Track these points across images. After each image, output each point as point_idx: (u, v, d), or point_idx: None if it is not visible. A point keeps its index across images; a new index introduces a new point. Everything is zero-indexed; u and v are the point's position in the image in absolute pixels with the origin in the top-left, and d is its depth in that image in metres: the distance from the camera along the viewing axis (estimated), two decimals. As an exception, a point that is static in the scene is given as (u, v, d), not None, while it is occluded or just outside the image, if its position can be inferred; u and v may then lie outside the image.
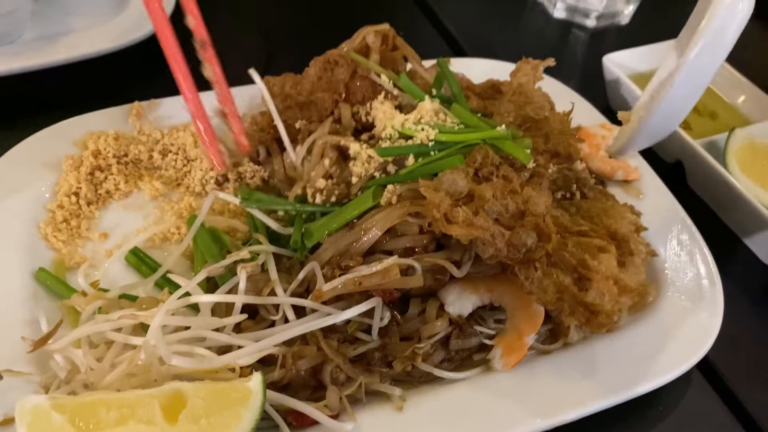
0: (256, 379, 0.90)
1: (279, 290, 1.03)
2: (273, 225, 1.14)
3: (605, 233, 1.03)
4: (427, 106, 1.15)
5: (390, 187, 1.06)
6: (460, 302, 1.05)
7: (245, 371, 0.94)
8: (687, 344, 1.11)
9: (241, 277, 1.03)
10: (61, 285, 1.10)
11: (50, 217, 1.19)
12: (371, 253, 1.04)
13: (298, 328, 0.99)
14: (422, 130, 1.09)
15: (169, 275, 1.07)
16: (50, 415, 0.84)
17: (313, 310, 1.01)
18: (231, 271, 1.06)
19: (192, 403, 0.86)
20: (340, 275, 0.99)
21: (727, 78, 1.65)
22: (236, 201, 1.18)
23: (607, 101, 1.65)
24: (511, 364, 1.04)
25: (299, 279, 1.04)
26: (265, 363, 0.99)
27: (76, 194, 1.22)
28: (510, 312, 1.07)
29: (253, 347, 0.96)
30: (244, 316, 1.01)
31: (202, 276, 1.03)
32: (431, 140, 1.08)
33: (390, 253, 1.03)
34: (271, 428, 0.94)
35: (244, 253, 1.07)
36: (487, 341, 1.08)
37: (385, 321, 1.02)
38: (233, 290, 1.03)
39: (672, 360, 1.09)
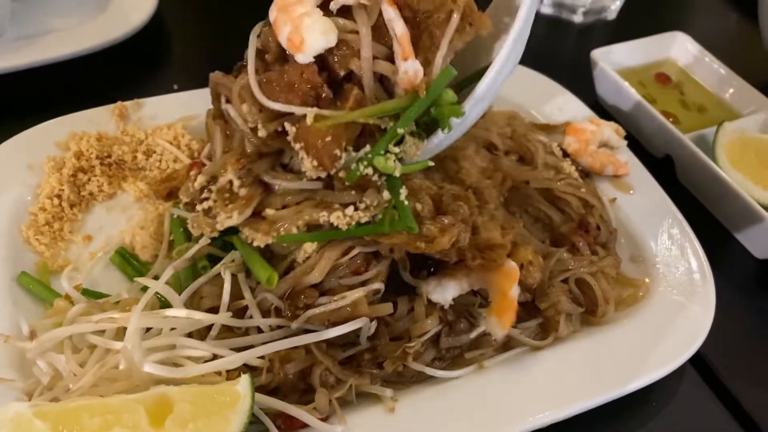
0: (245, 382, 0.88)
1: (256, 313, 1.00)
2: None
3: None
4: None
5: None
6: (441, 289, 1.04)
7: (233, 374, 0.93)
8: (679, 339, 1.10)
9: (226, 278, 1.01)
10: (44, 289, 1.08)
11: (32, 220, 1.17)
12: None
13: (283, 341, 0.97)
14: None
15: (137, 278, 1.05)
16: (32, 422, 0.82)
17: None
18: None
19: (179, 407, 0.84)
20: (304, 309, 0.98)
21: (715, 72, 1.65)
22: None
23: (596, 96, 1.65)
24: (508, 324, 1.01)
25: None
26: (252, 366, 0.97)
27: (59, 196, 1.20)
28: (488, 284, 1.05)
29: (235, 357, 0.94)
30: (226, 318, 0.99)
31: (168, 274, 1.01)
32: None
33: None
34: (260, 432, 0.93)
35: (204, 241, 1.04)
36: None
37: (372, 329, 1.01)
38: (212, 286, 1.02)
39: (664, 355, 1.08)
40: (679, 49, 1.70)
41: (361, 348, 1.01)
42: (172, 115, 1.36)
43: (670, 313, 1.14)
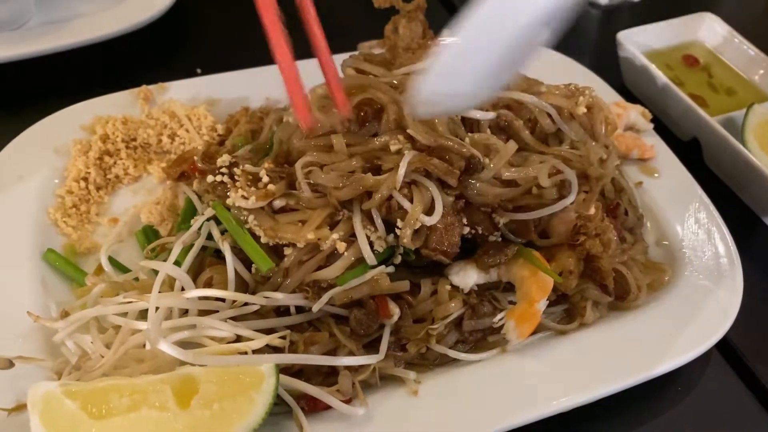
0: (269, 363, 0.88)
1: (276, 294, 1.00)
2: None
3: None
4: None
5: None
6: (464, 273, 1.04)
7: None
8: (706, 324, 1.09)
9: (226, 251, 1.00)
10: (70, 266, 1.09)
11: (59, 202, 1.18)
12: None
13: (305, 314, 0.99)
14: None
15: (142, 262, 1.05)
16: (62, 401, 0.83)
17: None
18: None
19: (204, 387, 0.85)
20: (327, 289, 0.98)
21: (744, 53, 1.61)
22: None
23: (622, 79, 1.62)
24: (526, 334, 1.02)
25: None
26: (276, 348, 0.97)
27: (85, 179, 1.21)
28: (518, 283, 1.05)
29: (261, 340, 0.94)
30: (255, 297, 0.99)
31: (176, 252, 1.00)
32: None
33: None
34: (284, 413, 0.93)
35: (209, 212, 1.04)
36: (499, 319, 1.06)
37: (395, 318, 1.01)
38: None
39: (690, 340, 1.07)
40: (707, 30, 1.66)
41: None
42: (196, 99, 1.36)
43: (696, 298, 1.12)
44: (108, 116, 1.30)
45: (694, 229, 1.23)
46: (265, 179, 1.01)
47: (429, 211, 0.97)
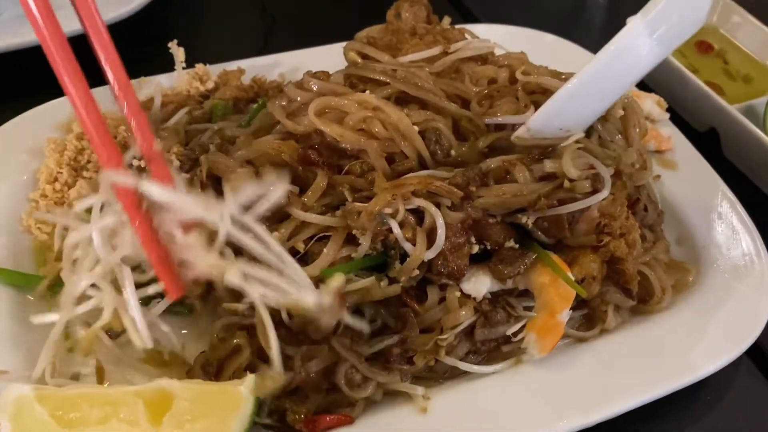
0: (248, 383, 0.82)
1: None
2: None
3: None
4: None
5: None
6: (476, 280, 0.96)
7: (239, 374, 0.86)
8: (735, 327, 1.02)
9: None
10: (19, 276, 1.00)
11: (33, 207, 1.09)
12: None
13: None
14: None
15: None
16: (33, 405, 0.79)
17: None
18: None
19: (178, 404, 0.79)
20: None
21: (759, 38, 1.54)
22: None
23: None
24: (549, 348, 0.95)
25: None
26: (267, 360, 0.89)
27: (57, 180, 1.12)
28: (537, 291, 0.97)
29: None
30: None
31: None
32: None
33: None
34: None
35: None
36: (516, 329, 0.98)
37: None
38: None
39: (719, 346, 1.00)
40: (721, 13, 1.59)
41: (390, 342, 0.93)
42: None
43: (723, 300, 1.06)
44: (86, 113, 1.20)
45: (718, 225, 1.16)
46: (176, 164, 0.97)
47: (431, 232, 0.91)
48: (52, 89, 1.22)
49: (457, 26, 1.24)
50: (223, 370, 0.89)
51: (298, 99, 1.02)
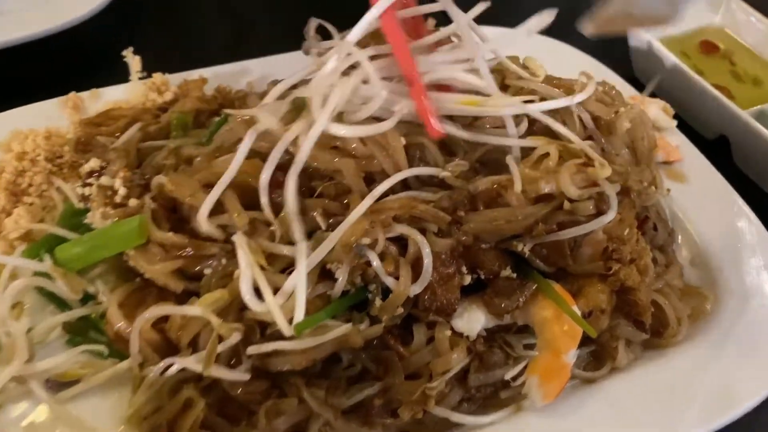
0: None
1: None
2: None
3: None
4: None
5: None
6: (469, 316, 0.86)
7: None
8: (763, 359, 0.91)
9: None
10: None
11: (-35, 241, 0.96)
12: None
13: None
14: None
15: None
16: None
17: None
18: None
19: None
20: None
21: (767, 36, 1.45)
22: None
23: (632, 69, 1.46)
24: (554, 394, 0.84)
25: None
26: (228, 417, 0.78)
27: (-2, 209, 0.99)
28: (539, 327, 0.87)
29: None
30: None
31: None
32: None
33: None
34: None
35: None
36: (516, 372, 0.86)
37: None
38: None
39: (747, 382, 0.90)
40: (726, 12, 1.51)
41: (371, 392, 0.82)
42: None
43: (746, 329, 0.95)
44: (29, 130, 1.09)
45: (734, 243, 1.06)
46: (122, 191, 0.90)
47: (416, 263, 0.80)
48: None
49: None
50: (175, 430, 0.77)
51: (263, 112, 0.90)
